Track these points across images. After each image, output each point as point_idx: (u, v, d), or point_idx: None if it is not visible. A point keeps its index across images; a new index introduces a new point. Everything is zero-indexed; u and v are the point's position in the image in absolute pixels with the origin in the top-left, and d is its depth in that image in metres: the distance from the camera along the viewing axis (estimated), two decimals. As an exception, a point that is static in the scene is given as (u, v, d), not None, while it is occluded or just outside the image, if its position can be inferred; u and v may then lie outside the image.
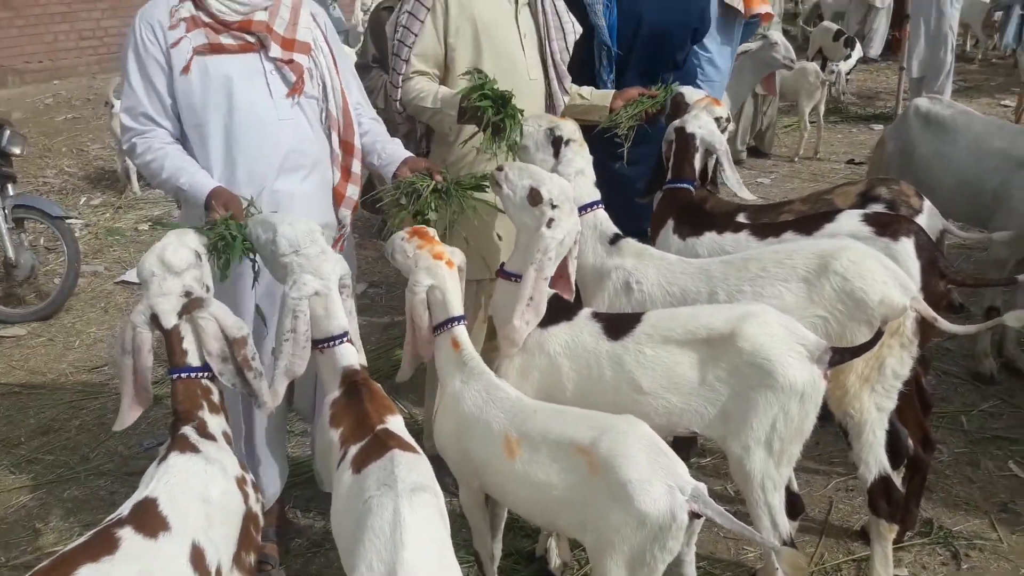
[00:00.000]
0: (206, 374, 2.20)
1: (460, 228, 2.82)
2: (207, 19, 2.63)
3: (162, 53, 2.63)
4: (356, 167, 2.90)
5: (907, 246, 2.71)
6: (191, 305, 2.16)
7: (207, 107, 2.67)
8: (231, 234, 2.38)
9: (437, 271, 2.40)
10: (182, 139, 2.73)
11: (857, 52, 9.72)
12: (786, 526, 2.35)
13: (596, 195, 2.89)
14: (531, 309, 2.52)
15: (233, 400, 2.53)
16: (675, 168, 3.11)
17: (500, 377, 2.50)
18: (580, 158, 2.88)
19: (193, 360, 2.18)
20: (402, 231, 2.49)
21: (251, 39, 2.67)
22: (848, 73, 9.86)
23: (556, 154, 2.87)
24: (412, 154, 2.94)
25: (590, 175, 2.91)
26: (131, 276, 6.05)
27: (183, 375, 2.18)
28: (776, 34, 6.90)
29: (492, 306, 2.71)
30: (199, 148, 2.71)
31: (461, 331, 2.44)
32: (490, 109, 2.78)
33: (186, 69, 2.62)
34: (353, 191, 2.93)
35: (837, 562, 2.94)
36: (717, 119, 3.18)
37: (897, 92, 8.81)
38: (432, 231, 2.50)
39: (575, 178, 2.82)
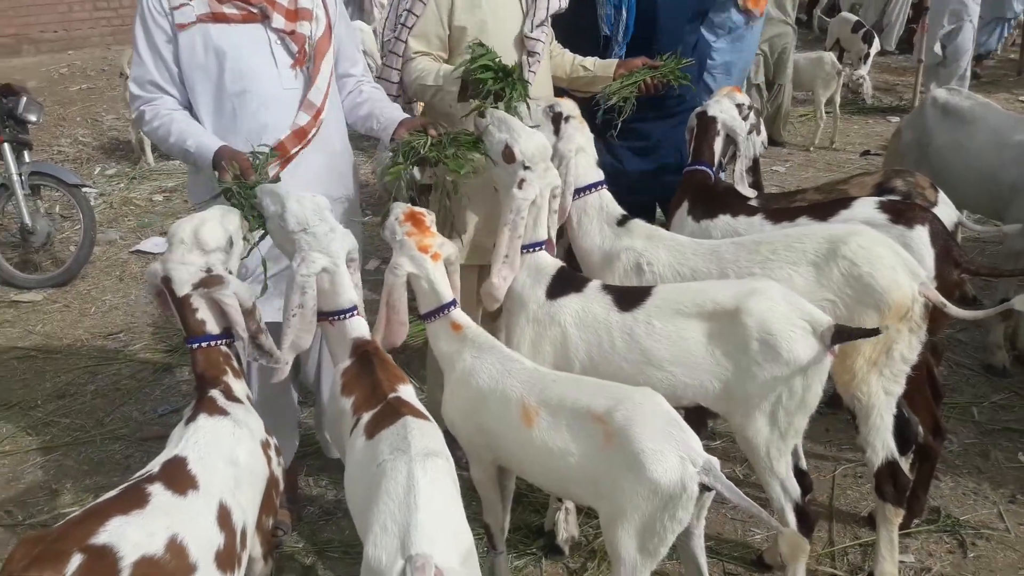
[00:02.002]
0: (225, 341, 2.24)
1: (468, 212, 2.80)
2: None
3: (168, 21, 2.65)
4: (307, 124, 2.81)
5: (922, 234, 2.72)
6: (210, 281, 2.18)
7: (208, 75, 2.69)
8: (242, 200, 2.40)
9: (422, 263, 2.41)
10: (188, 107, 2.75)
11: (875, 47, 9.66)
12: (796, 490, 2.39)
13: (598, 175, 2.89)
14: (507, 266, 2.59)
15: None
16: (695, 151, 3.14)
17: (512, 348, 2.54)
18: (580, 135, 2.88)
19: (212, 328, 2.21)
20: (399, 211, 2.47)
21: (254, 9, 2.69)
22: (867, 71, 9.79)
23: (556, 131, 2.87)
24: (408, 115, 2.94)
25: (591, 153, 2.91)
26: (146, 245, 6.10)
27: (203, 343, 2.21)
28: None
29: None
30: (203, 115, 2.72)
31: (458, 313, 2.47)
32: (491, 80, 2.75)
33: (184, 29, 2.64)
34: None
35: (844, 546, 2.97)
36: (739, 106, 3.19)
37: (915, 84, 8.76)
38: (429, 219, 2.49)
39: (576, 156, 2.83)
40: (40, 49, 12.00)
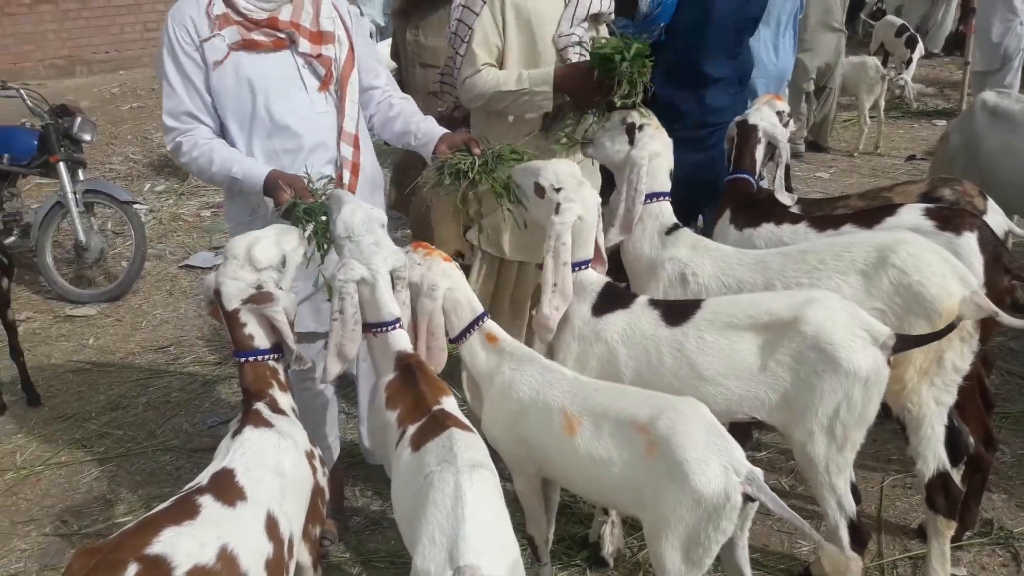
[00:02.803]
0: (273, 356, 2.28)
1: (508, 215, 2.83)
2: (237, 17, 2.68)
3: (197, 50, 2.68)
4: (353, 156, 2.89)
5: (970, 241, 2.67)
6: (260, 298, 2.23)
7: (241, 103, 2.72)
8: (313, 215, 2.44)
9: (452, 272, 2.45)
10: (221, 134, 2.79)
11: (919, 52, 9.51)
12: (852, 507, 2.35)
13: (666, 186, 2.85)
14: (557, 294, 2.54)
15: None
16: (736, 159, 3.13)
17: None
18: (656, 142, 2.83)
19: (260, 343, 2.26)
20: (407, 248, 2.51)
21: (281, 35, 2.72)
22: (911, 75, 9.64)
23: (631, 140, 2.83)
24: (447, 130, 2.93)
25: (667, 159, 2.85)
26: (195, 260, 6.24)
27: (250, 358, 2.26)
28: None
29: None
30: (238, 143, 2.76)
31: (491, 325, 2.49)
32: (619, 58, 2.71)
33: (220, 64, 2.67)
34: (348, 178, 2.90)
35: (894, 559, 2.92)
36: (779, 113, 3.17)
37: (961, 87, 8.59)
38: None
39: (651, 161, 2.78)
40: (92, 70, 12.35)
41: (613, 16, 3.23)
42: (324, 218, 2.43)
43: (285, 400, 2.28)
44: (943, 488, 2.54)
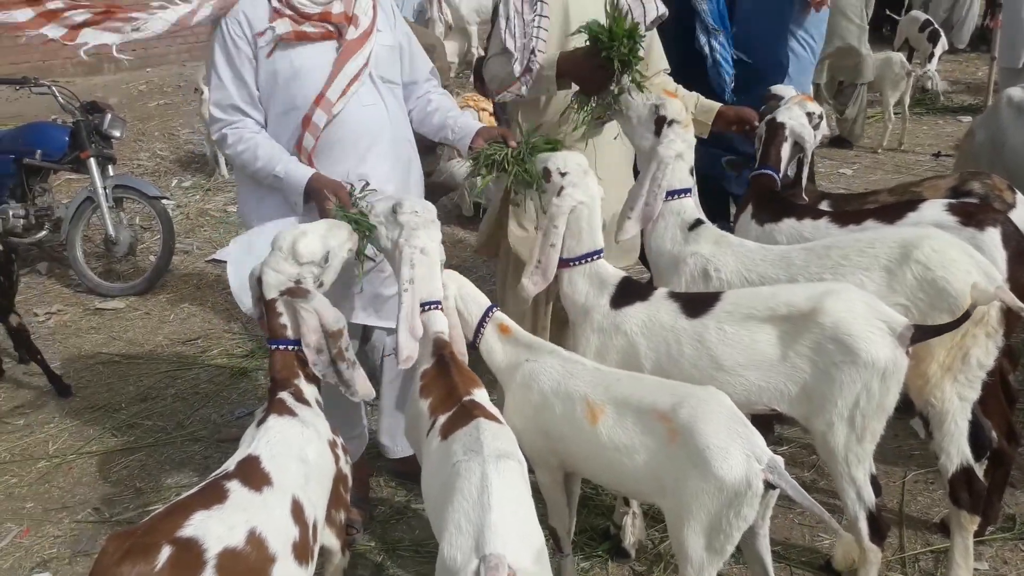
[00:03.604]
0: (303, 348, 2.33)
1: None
2: (289, 11, 2.74)
3: (249, 45, 2.75)
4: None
5: (993, 236, 2.67)
6: (295, 292, 2.29)
7: (288, 95, 2.78)
8: (360, 227, 2.51)
9: (454, 275, 2.55)
10: (267, 127, 2.85)
11: (941, 46, 9.42)
12: (871, 498, 2.37)
13: (689, 183, 2.86)
14: (539, 271, 2.61)
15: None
16: (762, 156, 3.13)
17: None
18: (682, 141, 2.81)
19: (292, 334, 2.32)
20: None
21: (330, 28, 2.77)
22: (936, 67, 9.56)
23: (657, 132, 2.79)
24: (484, 124, 2.98)
25: (689, 160, 2.85)
26: (222, 255, 6.32)
27: (282, 347, 2.32)
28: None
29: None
30: (284, 135, 2.82)
31: (502, 315, 2.56)
32: (616, 43, 2.69)
33: (270, 55, 2.74)
34: None
35: (915, 552, 2.93)
36: (809, 114, 3.17)
37: (988, 83, 8.51)
38: None
39: (674, 162, 2.78)
40: (120, 67, 12.47)
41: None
42: (367, 231, 2.51)
43: (310, 391, 2.33)
44: (966, 483, 2.55)
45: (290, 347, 2.32)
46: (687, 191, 2.86)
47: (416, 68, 3.08)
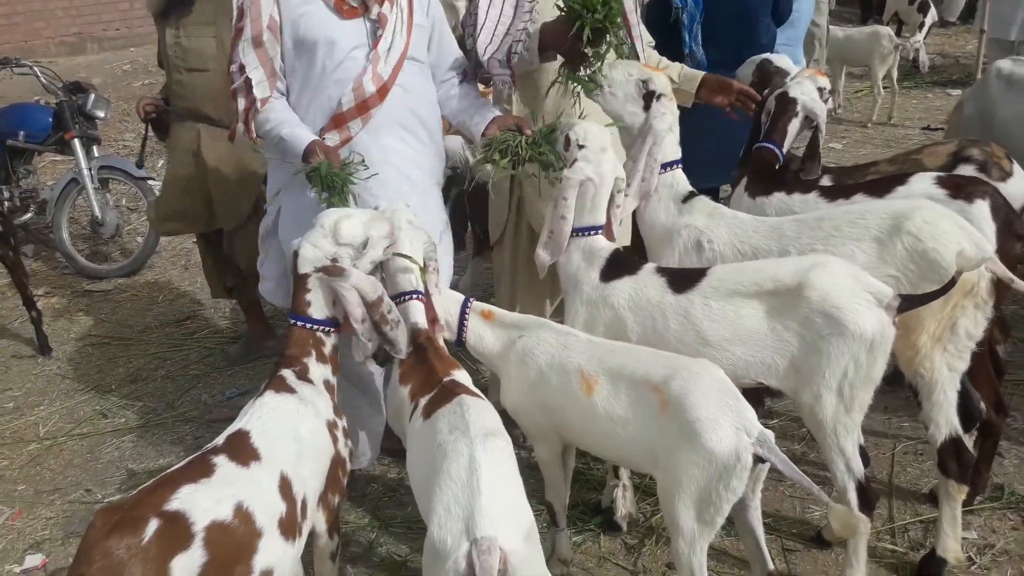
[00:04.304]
0: (324, 328, 2.33)
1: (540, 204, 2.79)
2: None
3: (277, 11, 2.73)
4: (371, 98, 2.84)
5: (982, 208, 2.67)
6: (332, 270, 2.28)
7: (312, 66, 2.76)
8: (335, 179, 2.51)
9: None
10: (291, 102, 2.84)
11: (931, 18, 9.40)
12: (860, 469, 2.38)
13: (679, 154, 2.87)
14: (551, 243, 2.63)
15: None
16: (768, 130, 3.08)
17: None
18: (670, 116, 2.83)
19: (316, 313, 2.32)
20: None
21: (354, 3, 2.76)
22: (924, 38, 9.55)
23: (647, 107, 2.80)
24: (501, 112, 2.97)
25: (676, 130, 2.87)
26: (209, 236, 6.27)
27: (301, 323, 2.31)
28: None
29: None
30: (305, 107, 2.80)
31: (480, 304, 2.56)
32: (589, 11, 2.64)
33: (291, 23, 2.73)
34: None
35: (904, 523, 2.95)
36: (820, 89, 3.14)
37: (977, 56, 8.51)
38: None
39: (668, 134, 2.79)
40: (103, 47, 12.34)
41: None
42: (339, 186, 2.51)
43: (319, 371, 2.32)
44: (955, 453, 2.57)
45: (309, 325, 2.31)
46: (677, 162, 2.86)
47: (444, 52, 3.05)
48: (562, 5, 2.71)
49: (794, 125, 3.06)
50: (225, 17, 3.70)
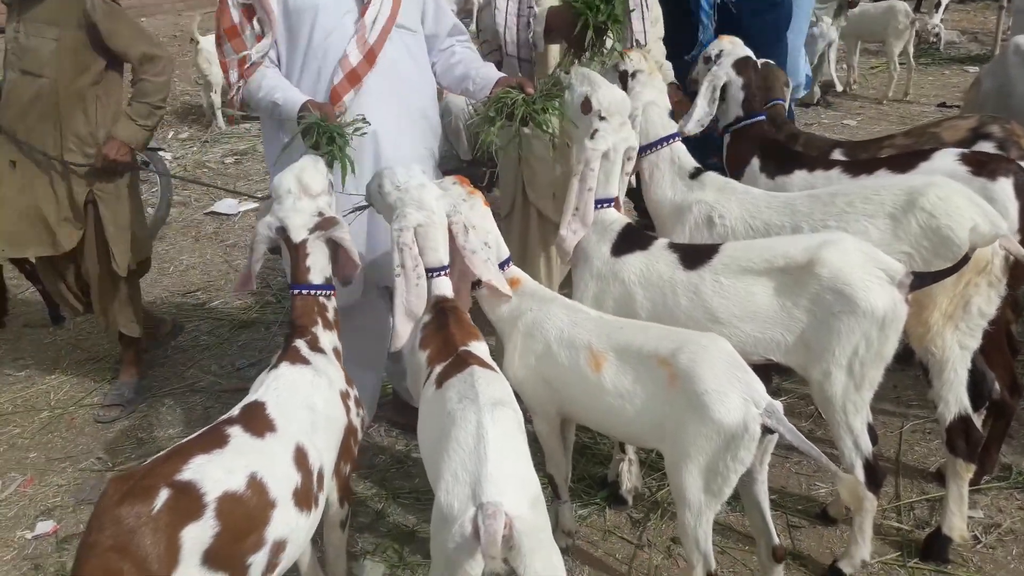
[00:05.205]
0: (324, 292, 2.34)
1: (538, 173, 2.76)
2: None
3: None
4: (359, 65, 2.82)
5: (1005, 186, 2.63)
6: (326, 223, 2.30)
7: (300, 32, 2.75)
8: (328, 132, 2.50)
9: (489, 215, 2.48)
10: (283, 68, 2.83)
11: None
12: (868, 447, 2.38)
13: (671, 127, 2.86)
14: (577, 219, 2.60)
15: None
16: (745, 104, 3.06)
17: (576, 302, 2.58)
18: (649, 89, 2.84)
19: (315, 278, 2.33)
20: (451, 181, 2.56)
21: None
22: (942, 16, 9.42)
23: (624, 88, 2.81)
24: (505, 75, 2.94)
25: (663, 105, 2.86)
26: (220, 207, 6.28)
27: (303, 291, 2.32)
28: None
29: None
30: (298, 75, 2.80)
31: (515, 269, 2.54)
32: (591, 10, 2.68)
33: None
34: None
35: (911, 501, 2.95)
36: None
37: (996, 32, 8.38)
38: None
39: (646, 110, 2.81)
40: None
41: None
42: (338, 139, 2.51)
43: (327, 338, 2.33)
44: (964, 432, 2.55)
45: (311, 292, 2.33)
46: (674, 136, 2.84)
47: (440, 20, 3.03)
48: None
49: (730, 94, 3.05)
50: (70, 19, 3.46)
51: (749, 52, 3.07)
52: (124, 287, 3.86)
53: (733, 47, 3.06)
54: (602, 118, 2.58)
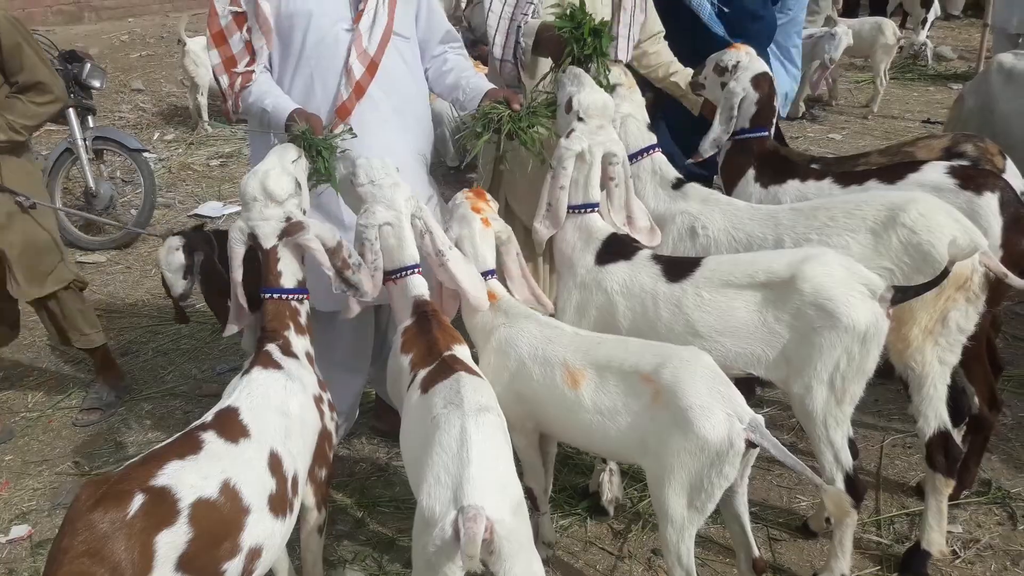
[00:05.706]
0: (296, 296, 2.33)
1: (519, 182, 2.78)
2: None
3: None
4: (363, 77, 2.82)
5: (991, 201, 2.64)
6: (292, 229, 2.28)
7: (293, 38, 2.75)
8: (314, 146, 2.49)
9: (473, 223, 2.48)
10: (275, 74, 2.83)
11: (933, 12, 9.35)
12: (849, 461, 2.39)
13: (650, 139, 2.87)
14: (549, 215, 2.62)
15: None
16: (754, 118, 3.06)
17: (560, 312, 2.60)
18: (628, 102, 2.85)
19: (286, 282, 2.32)
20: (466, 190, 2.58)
21: None
22: (927, 32, 9.51)
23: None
24: (495, 86, 2.95)
25: (641, 118, 2.88)
26: (204, 209, 6.25)
27: (274, 295, 2.31)
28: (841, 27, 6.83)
29: None
30: (289, 81, 2.80)
31: (495, 283, 2.53)
32: (577, 43, 2.73)
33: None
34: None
35: (890, 515, 2.96)
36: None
37: (979, 50, 8.47)
38: (490, 199, 2.59)
39: (624, 123, 2.81)
40: (101, 16, 12.26)
41: None
42: (324, 152, 2.51)
43: (300, 343, 2.32)
44: (943, 447, 2.56)
45: (283, 296, 2.31)
46: (653, 147, 2.86)
47: (433, 26, 3.03)
48: (558, 24, 2.76)
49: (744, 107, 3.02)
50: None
51: (766, 67, 3.04)
52: (58, 307, 3.68)
53: (750, 60, 3.02)
54: (580, 119, 2.59)
